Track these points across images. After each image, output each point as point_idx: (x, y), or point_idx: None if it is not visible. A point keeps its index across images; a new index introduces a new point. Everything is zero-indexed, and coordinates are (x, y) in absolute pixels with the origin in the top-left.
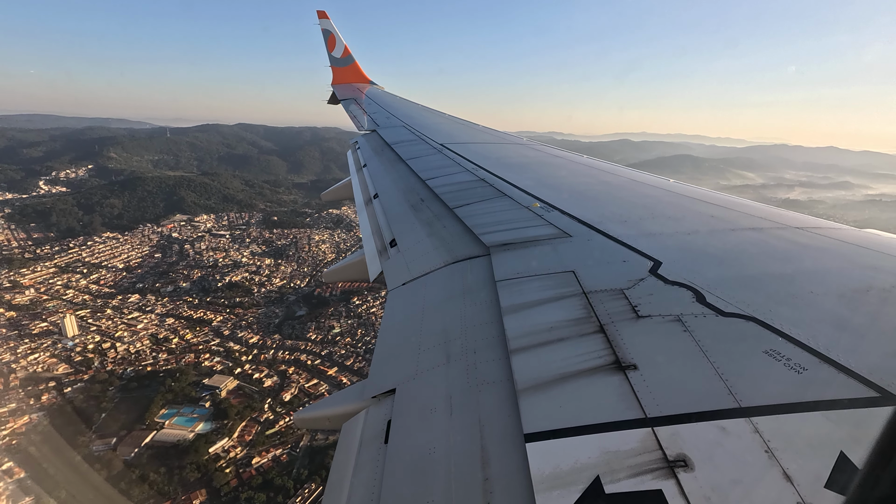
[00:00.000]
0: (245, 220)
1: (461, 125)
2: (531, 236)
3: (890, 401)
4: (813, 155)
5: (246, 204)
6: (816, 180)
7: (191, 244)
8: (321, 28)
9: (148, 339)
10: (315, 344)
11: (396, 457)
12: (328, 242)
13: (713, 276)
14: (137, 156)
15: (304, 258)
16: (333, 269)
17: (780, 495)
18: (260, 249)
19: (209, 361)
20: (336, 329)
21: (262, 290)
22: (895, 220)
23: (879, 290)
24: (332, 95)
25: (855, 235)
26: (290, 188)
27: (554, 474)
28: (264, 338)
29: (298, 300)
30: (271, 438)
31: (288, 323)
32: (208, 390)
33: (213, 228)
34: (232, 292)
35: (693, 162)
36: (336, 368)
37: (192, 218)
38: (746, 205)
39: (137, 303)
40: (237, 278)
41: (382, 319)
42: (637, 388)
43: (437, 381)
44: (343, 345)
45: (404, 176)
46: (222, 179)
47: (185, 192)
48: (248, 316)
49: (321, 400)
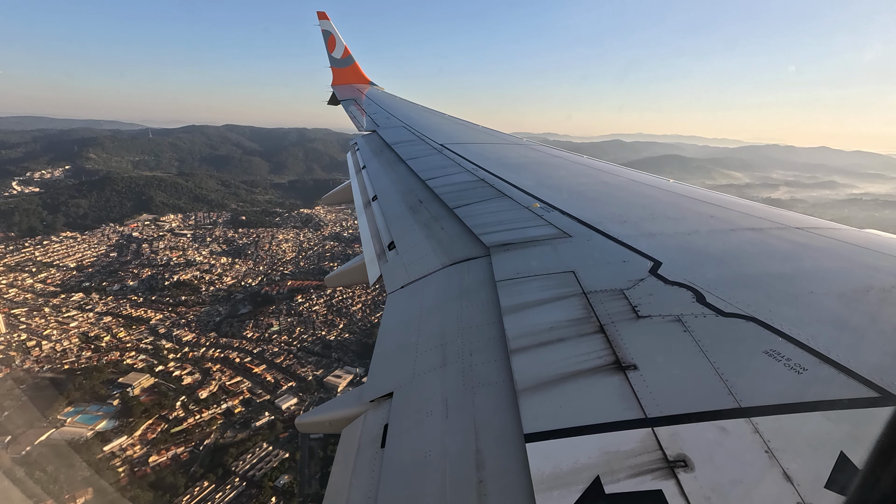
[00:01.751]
0: (212, 220)
1: (461, 126)
2: (531, 236)
3: (890, 401)
4: (804, 155)
5: (217, 204)
6: (803, 180)
7: (149, 243)
8: (321, 29)
9: (77, 338)
10: (249, 342)
11: (393, 461)
12: (291, 241)
13: (713, 276)
14: (118, 156)
15: (263, 257)
16: (334, 273)
17: (780, 495)
18: (220, 248)
19: (132, 359)
20: (275, 327)
21: (211, 288)
22: (871, 217)
23: (879, 290)
24: (332, 96)
25: (855, 235)
26: (268, 188)
27: (554, 474)
28: (200, 336)
29: (245, 298)
30: (176, 436)
31: (227, 321)
32: (120, 388)
33: (177, 228)
34: (179, 291)
35: (681, 162)
36: (264, 366)
37: (157, 217)
38: (746, 205)
39: (79, 301)
40: (186, 277)
41: (381, 323)
42: (637, 388)
43: (435, 383)
44: (278, 342)
45: (403, 177)
46: (197, 180)
47: (155, 192)
48: (189, 314)
49: (322, 405)
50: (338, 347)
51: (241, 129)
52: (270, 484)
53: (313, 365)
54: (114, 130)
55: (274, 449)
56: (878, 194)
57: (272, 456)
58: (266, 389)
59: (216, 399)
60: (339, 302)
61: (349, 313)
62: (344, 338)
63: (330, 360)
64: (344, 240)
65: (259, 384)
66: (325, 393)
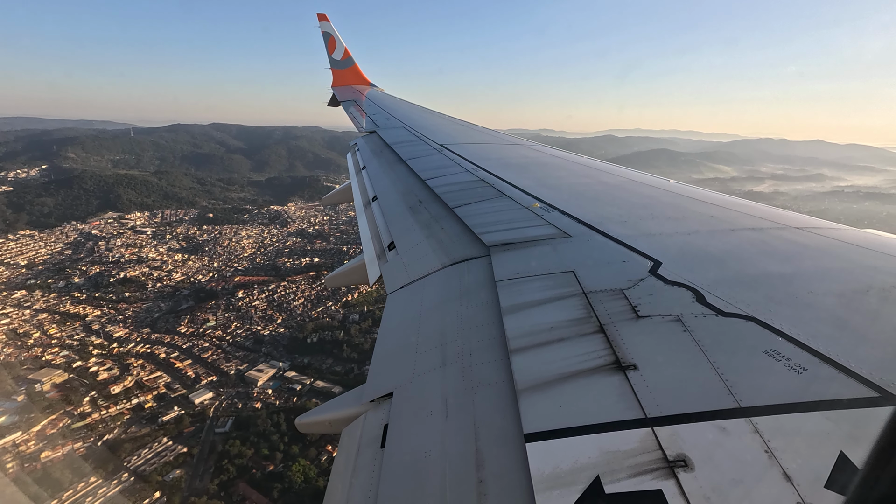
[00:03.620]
0: (179, 217)
1: (461, 126)
2: (531, 236)
3: (890, 401)
4: (797, 148)
5: (187, 201)
6: (791, 173)
7: (106, 241)
8: (321, 31)
9: (4, 335)
10: (182, 337)
11: (393, 461)
12: (254, 238)
13: (713, 276)
14: (98, 155)
15: (220, 253)
16: (334, 274)
17: (780, 495)
18: (178, 245)
19: (53, 356)
20: (211, 322)
21: (158, 285)
22: (849, 209)
23: (879, 290)
24: (333, 98)
25: (855, 235)
26: (244, 186)
27: (554, 474)
28: (133, 332)
29: (189, 295)
30: (77, 432)
31: (165, 317)
32: (29, 384)
33: (141, 225)
34: (123, 287)
35: (669, 156)
36: (189, 361)
37: (122, 215)
38: (746, 205)
39: (19, 299)
40: (133, 274)
41: (381, 323)
42: (637, 388)
43: (435, 383)
44: (211, 338)
45: (403, 177)
46: (170, 178)
47: (124, 190)
48: (129, 311)
49: (322, 405)
50: (270, 342)
51: (228, 127)
52: (159, 478)
53: (239, 360)
54: (100, 130)
55: (174, 444)
56: (861, 186)
57: (169, 451)
58: (184, 384)
59: (129, 394)
60: (280, 297)
61: (289, 308)
62: (279, 333)
63: (259, 354)
64: (308, 236)
65: (178, 379)
66: (243, 387)
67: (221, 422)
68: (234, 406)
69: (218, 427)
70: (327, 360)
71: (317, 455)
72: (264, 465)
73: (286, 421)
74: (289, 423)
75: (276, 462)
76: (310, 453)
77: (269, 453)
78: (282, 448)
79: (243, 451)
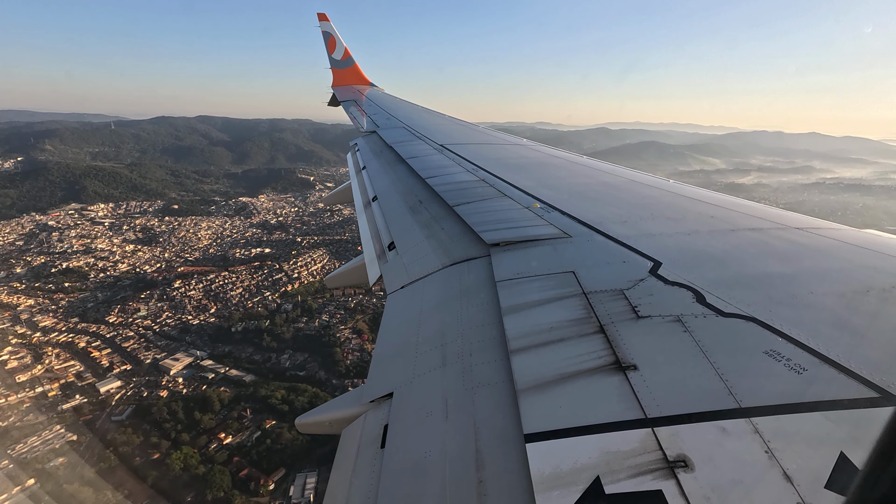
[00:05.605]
0: (143, 209)
1: (461, 126)
2: (531, 236)
3: (890, 401)
4: (790, 141)
5: (155, 193)
6: (780, 165)
7: (60, 232)
8: (321, 31)
9: None
10: (109, 327)
11: (393, 461)
12: (214, 229)
13: (713, 276)
14: (76, 148)
15: (174, 244)
16: (334, 274)
17: (780, 495)
18: (134, 237)
19: None
20: (142, 312)
21: (101, 275)
22: (826, 201)
23: (879, 290)
24: (333, 97)
25: (855, 236)
26: (220, 177)
27: (554, 474)
28: (60, 322)
29: (130, 285)
30: None
31: (98, 307)
32: None
33: (102, 216)
34: (65, 277)
35: (658, 148)
36: (109, 350)
37: (85, 206)
38: (746, 205)
39: None
40: (77, 264)
41: (381, 324)
42: (637, 388)
43: (435, 384)
44: (137, 327)
45: (403, 177)
46: (142, 169)
47: (90, 182)
48: (64, 300)
49: (322, 405)
50: (196, 332)
51: (214, 119)
52: (38, 466)
53: (160, 348)
54: (84, 123)
55: (66, 432)
56: (845, 178)
57: (59, 438)
58: (95, 373)
59: (35, 383)
60: (218, 287)
61: (225, 298)
62: (209, 322)
63: (181, 343)
64: (269, 227)
65: (91, 368)
66: (155, 376)
67: (121, 410)
68: (139, 394)
69: (115, 415)
70: (248, 349)
71: (206, 443)
72: (149, 452)
73: (184, 409)
74: (186, 411)
75: (163, 450)
76: (199, 441)
77: (157, 441)
78: (173, 436)
79: (132, 438)
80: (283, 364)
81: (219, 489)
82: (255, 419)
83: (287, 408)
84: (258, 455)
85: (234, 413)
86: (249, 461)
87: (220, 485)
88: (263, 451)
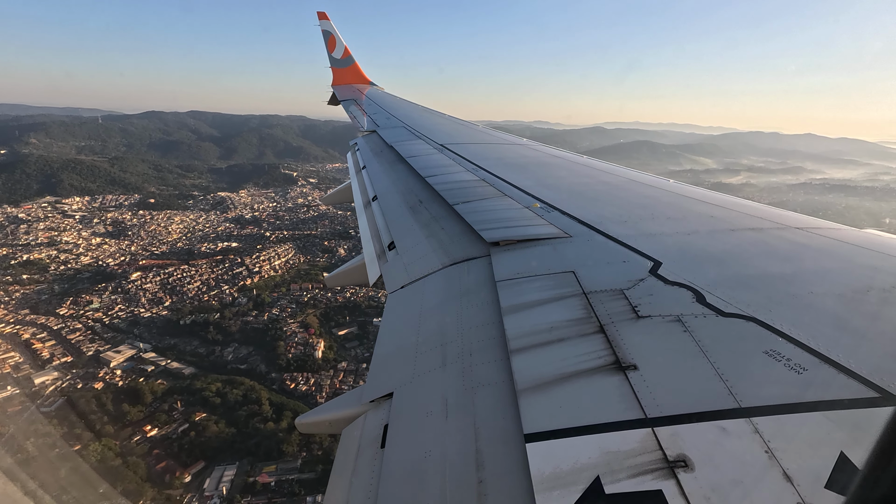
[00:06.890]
0: (119, 203)
1: (461, 126)
2: (531, 235)
3: (890, 401)
4: (785, 141)
5: (134, 187)
6: (771, 166)
7: (28, 224)
8: (321, 29)
9: None
10: (58, 319)
11: (393, 461)
12: (186, 223)
13: (713, 276)
14: (62, 142)
15: (143, 237)
16: (335, 273)
17: (780, 495)
18: (103, 230)
19: None
20: (94, 304)
21: (62, 268)
22: (811, 201)
23: (879, 290)
24: (333, 96)
25: (855, 236)
26: (204, 172)
27: (554, 475)
28: (10, 313)
29: (89, 277)
30: None
31: (51, 299)
32: None
33: (75, 210)
34: (24, 269)
35: (650, 147)
36: (53, 342)
37: (59, 200)
38: (746, 205)
39: None
40: (38, 256)
41: (381, 324)
42: (637, 388)
43: (435, 384)
44: (87, 319)
45: (403, 177)
46: (125, 163)
47: (67, 175)
48: (18, 292)
49: (322, 405)
50: (146, 324)
51: (205, 115)
52: None
53: (105, 341)
54: (73, 116)
55: None
56: (833, 179)
57: None
58: (34, 365)
59: None
60: (175, 281)
61: (182, 291)
62: (160, 315)
63: (128, 335)
64: (243, 222)
65: (30, 360)
66: (94, 368)
67: (51, 402)
68: (74, 386)
69: (45, 407)
70: (193, 342)
71: (129, 436)
72: (71, 444)
73: (113, 401)
74: (115, 403)
75: (84, 442)
76: (123, 434)
77: (80, 433)
78: (97, 428)
79: (55, 430)
80: (226, 357)
81: (130, 481)
82: (185, 412)
83: (219, 400)
84: (180, 447)
85: (164, 406)
86: (170, 454)
87: (131, 477)
88: (186, 443)
